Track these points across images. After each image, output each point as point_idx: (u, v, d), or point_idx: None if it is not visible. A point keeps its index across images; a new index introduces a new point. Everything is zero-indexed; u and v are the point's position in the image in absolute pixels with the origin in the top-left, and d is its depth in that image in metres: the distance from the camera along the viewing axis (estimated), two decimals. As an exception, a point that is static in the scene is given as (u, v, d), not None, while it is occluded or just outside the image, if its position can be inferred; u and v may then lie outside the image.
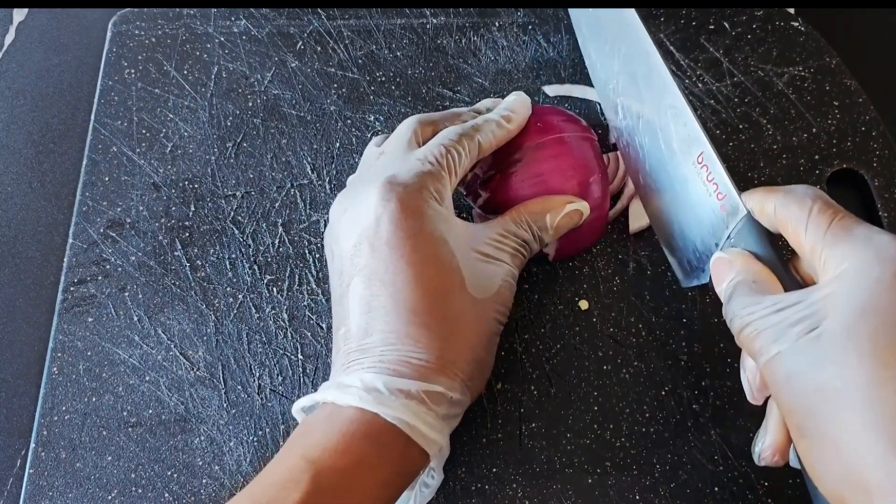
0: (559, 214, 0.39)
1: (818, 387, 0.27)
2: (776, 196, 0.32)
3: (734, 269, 0.33)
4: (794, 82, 0.49)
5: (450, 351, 0.34)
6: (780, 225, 0.32)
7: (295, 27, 0.52)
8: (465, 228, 0.38)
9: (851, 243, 0.29)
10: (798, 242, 0.31)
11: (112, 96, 0.50)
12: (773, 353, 0.29)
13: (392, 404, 0.32)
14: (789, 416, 0.29)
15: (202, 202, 0.47)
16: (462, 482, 0.40)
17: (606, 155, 0.45)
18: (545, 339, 0.43)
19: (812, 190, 0.32)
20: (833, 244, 0.29)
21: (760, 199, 0.33)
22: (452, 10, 0.52)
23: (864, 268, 0.28)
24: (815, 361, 0.27)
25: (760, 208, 0.33)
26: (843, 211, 0.30)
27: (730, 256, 0.33)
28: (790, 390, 0.28)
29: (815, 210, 0.30)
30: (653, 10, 0.51)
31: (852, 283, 0.28)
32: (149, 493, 0.40)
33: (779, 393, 0.29)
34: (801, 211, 0.31)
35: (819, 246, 0.30)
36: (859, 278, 0.28)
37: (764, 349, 0.29)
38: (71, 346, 0.43)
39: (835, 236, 0.29)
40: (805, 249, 0.31)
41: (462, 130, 0.39)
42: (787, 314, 0.29)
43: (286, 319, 0.43)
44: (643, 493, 0.39)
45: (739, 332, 0.31)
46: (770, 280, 0.32)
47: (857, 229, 0.29)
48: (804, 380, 0.28)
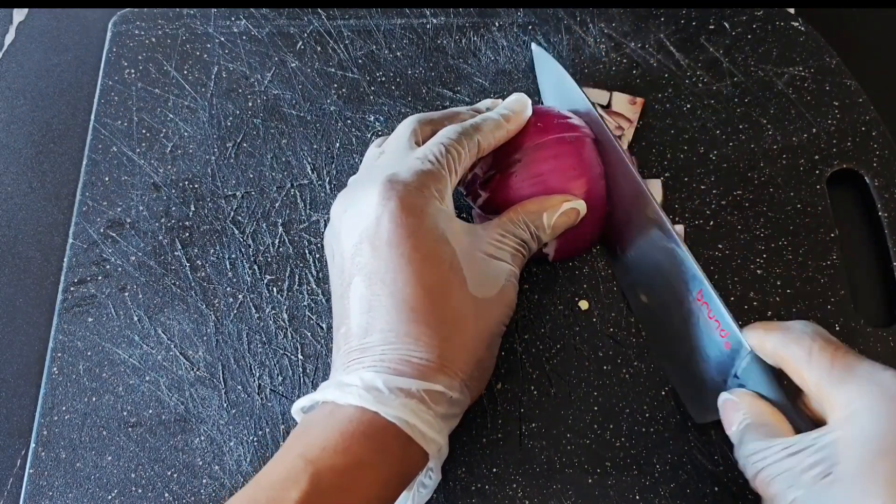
0: (556, 213, 0.40)
1: None
2: (775, 335, 0.33)
3: (741, 411, 0.33)
4: (794, 82, 0.49)
5: (450, 350, 0.34)
6: (782, 363, 0.32)
7: (295, 27, 0.52)
8: (466, 228, 0.38)
9: (857, 383, 0.29)
10: (801, 381, 0.31)
11: (112, 96, 0.50)
12: (789, 499, 0.29)
13: (392, 403, 0.32)
14: None
15: (202, 202, 0.47)
16: (462, 482, 0.40)
17: None
18: (545, 339, 0.43)
19: (809, 326, 0.32)
20: (837, 384, 0.30)
21: (760, 337, 0.33)
22: (452, 10, 0.52)
23: (872, 409, 0.28)
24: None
25: (760, 346, 0.33)
26: (842, 347, 0.31)
27: (736, 398, 0.34)
28: None
29: (816, 349, 0.31)
30: (653, 10, 0.51)
31: (862, 426, 0.28)
32: (149, 492, 0.40)
33: None
34: (801, 351, 0.31)
35: (823, 385, 0.30)
36: (869, 420, 0.28)
37: (780, 495, 0.30)
38: (71, 346, 0.43)
39: (838, 376, 0.30)
40: (810, 389, 0.31)
41: (462, 129, 0.39)
42: (799, 458, 0.29)
43: (286, 319, 0.43)
44: (643, 493, 0.39)
45: (754, 478, 0.32)
46: (778, 421, 0.32)
47: (860, 368, 0.30)
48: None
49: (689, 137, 0.47)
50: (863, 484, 0.27)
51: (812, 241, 0.44)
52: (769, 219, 0.45)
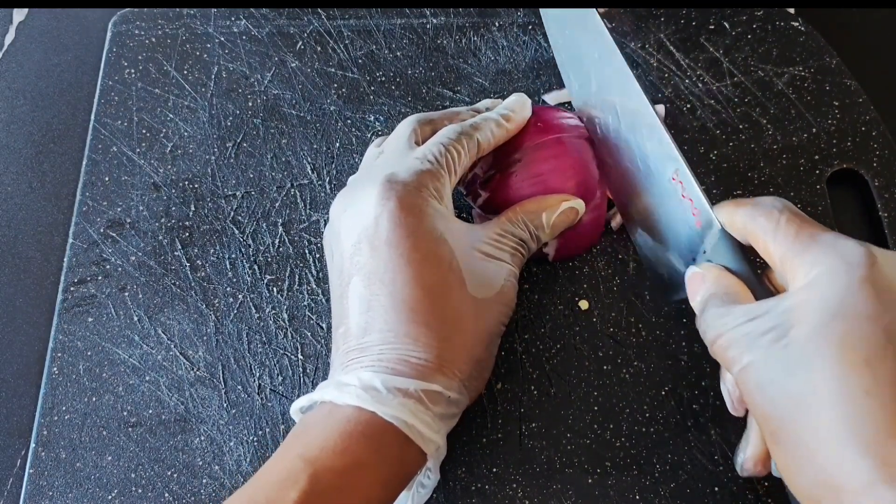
0: (555, 213, 0.40)
1: (789, 393, 0.28)
2: (744, 209, 0.33)
3: (707, 283, 0.33)
4: (794, 82, 0.49)
5: (448, 350, 0.34)
6: (750, 237, 0.32)
7: (295, 27, 0.52)
8: (465, 228, 0.38)
9: (818, 251, 0.29)
10: (768, 253, 0.31)
11: (112, 96, 0.50)
12: (745, 362, 0.29)
13: (390, 403, 0.32)
14: (763, 423, 0.30)
15: (202, 202, 0.47)
16: (462, 482, 0.40)
17: None
18: (545, 339, 0.43)
19: (779, 201, 0.32)
20: (801, 253, 0.30)
21: (730, 212, 0.33)
22: (452, 10, 0.52)
23: (831, 274, 0.28)
24: (785, 368, 0.28)
25: (730, 221, 0.33)
26: (809, 220, 0.31)
27: (703, 270, 0.34)
28: (763, 398, 0.29)
29: (783, 221, 0.31)
30: (653, 10, 0.51)
31: (820, 290, 0.28)
32: (149, 492, 0.40)
33: (752, 401, 0.30)
34: (769, 222, 0.31)
35: (788, 255, 0.30)
36: (827, 285, 0.28)
37: (736, 359, 0.30)
38: (71, 345, 0.43)
39: (802, 245, 0.30)
40: (775, 260, 0.31)
41: (461, 129, 0.39)
42: (757, 323, 0.29)
43: (286, 319, 0.43)
44: (643, 493, 0.39)
45: (713, 343, 0.32)
46: (742, 291, 0.32)
47: (823, 236, 0.30)
48: (775, 387, 0.28)
49: (689, 137, 0.47)
50: (816, 345, 0.27)
51: (812, 241, 0.44)
52: (769, 219, 0.45)
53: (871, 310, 0.27)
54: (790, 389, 0.28)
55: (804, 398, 0.27)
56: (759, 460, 0.33)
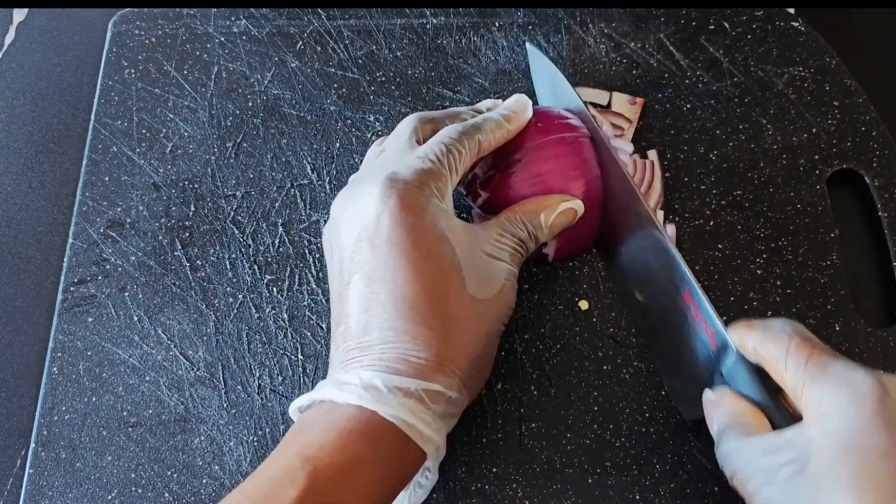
0: (553, 213, 0.40)
1: None
2: (755, 333, 0.33)
3: (721, 411, 0.34)
4: (794, 82, 0.49)
5: (448, 349, 0.34)
6: (762, 361, 0.33)
7: (295, 27, 0.52)
8: (465, 228, 0.38)
9: (828, 383, 0.30)
10: (780, 379, 0.32)
11: (112, 96, 0.50)
12: (764, 497, 0.30)
13: (390, 402, 0.32)
14: None
15: (202, 202, 0.47)
16: (462, 482, 0.40)
17: (633, 160, 0.46)
18: (545, 339, 0.43)
19: (789, 324, 0.32)
20: (811, 383, 0.30)
21: (742, 334, 0.34)
22: (452, 10, 0.52)
23: (841, 408, 0.29)
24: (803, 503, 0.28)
25: (742, 344, 0.34)
26: (819, 345, 0.31)
27: (717, 397, 0.35)
28: None
29: (793, 347, 0.31)
30: (653, 10, 0.51)
31: (832, 425, 0.29)
32: (149, 492, 0.40)
33: None
34: (779, 349, 0.32)
35: (799, 384, 0.31)
36: (838, 419, 0.28)
37: (756, 494, 0.30)
38: (71, 346, 0.43)
39: (812, 375, 0.30)
40: (787, 386, 0.31)
41: (463, 129, 0.39)
42: (773, 458, 0.30)
43: (286, 319, 0.43)
44: (643, 493, 0.39)
45: (732, 477, 0.32)
46: (756, 420, 0.33)
47: (833, 367, 0.30)
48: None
49: (689, 137, 0.47)
50: (831, 481, 0.27)
51: (812, 241, 0.44)
52: (769, 219, 0.45)
53: (884, 445, 0.27)
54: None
55: None
56: None
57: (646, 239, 0.40)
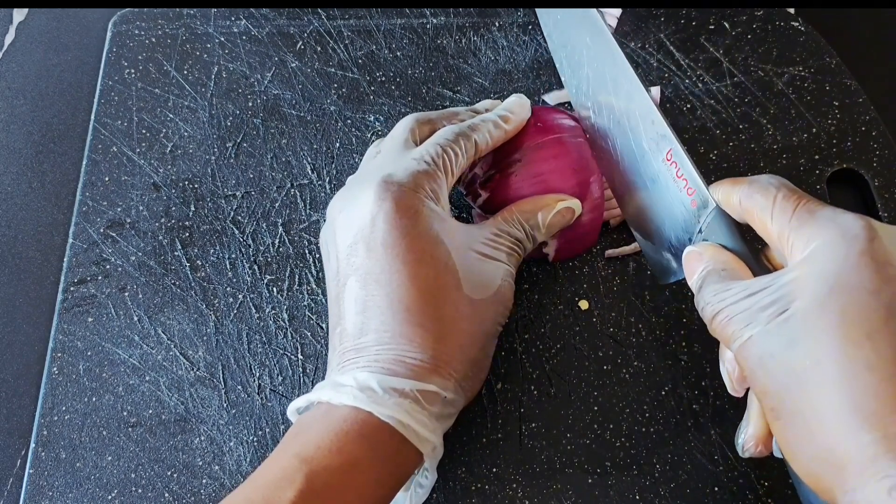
0: (551, 213, 0.40)
1: (790, 368, 0.27)
2: (741, 187, 0.32)
3: (704, 260, 0.33)
4: (794, 82, 0.49)
5: (444, 350, 0.34)
6: (747, 215, 0.32)
7: (295, 27, 0.52)
8: (461, 228, 0.38)
9: (817, 225, 0.29)
10: (765, 230, 0.31)
11: (112, 96, 0.50)
12: (745, 337, 0.29)
13: (386, 403, 0.32)
14: (764, 399, 0.29)
15: (202, 202, 0.47)
16: (462, 482, 0.40)
17: None
18: (545, 339, 0.43)
19: (775, 178, 0.32)
20: (799, 227, 0.29)
21: (726, 190, 0.33)
22: (452, 10, 0.52)
23: (830, 247, 0.28)
24: (786, 343, 0.27)
25: (727, 200, 0.33)
26: (807, 196, 0.31)
27: (699, 249, 0.34)
28: (763, 373, 0.29)
29: (780, 197, 0.31)
30: (653, 10, 0.51)
31: (820, 264, 0.28)
32: (149, 493, 0.40)
33: (753, 377, 0.29)
34: (766, 199, 0.31)
35: (785, 231, 0.30)
36: (826, 258, 0.28)
37: (736, 334, 0.30)
38: (71, 346, 0.43)
39: (800, 220, 0.30)
40: (772, 236, 0.31)
41: (459, 130, 0.39)
42: (757, 298, 0.29)
43: (286, 319, 0.43)
44: (643, 493, 0.39)
45: (711, 320, 0.31)
46: (739, 267, 0.32)
47: (822, 211, 0.29)
48: (776, 362, 0.28)
49: (689, 137, 0.47)
50: (816, 319, 0.27)
51: (812, 241, 0.44)
52: (769, 219, 0.45)
53: (872, 283, 0.26)
54: (791, 364, 0.27)
55: (805, 373, 0.27)
56: (760, 440, 0.33)
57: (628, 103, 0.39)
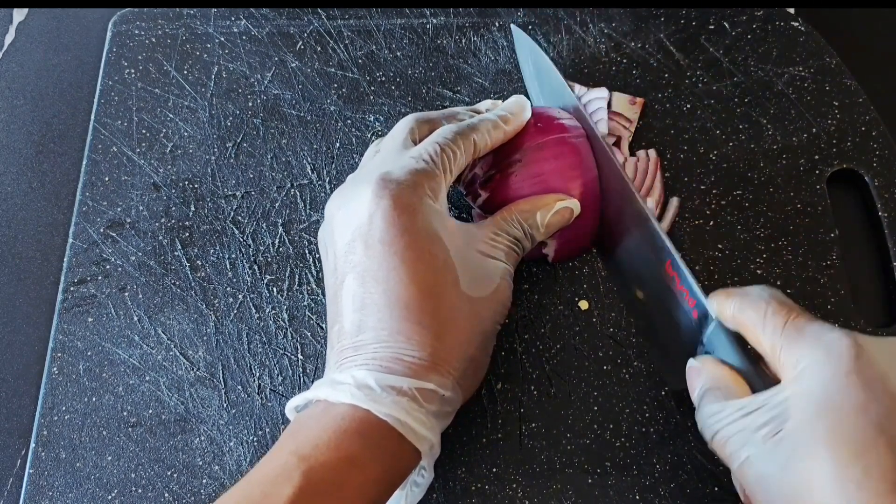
0: (550, 212, 0.40)
1: (786, 488, 0.28)
2: (733, 300, 0.33)
3: (702, 377, 0.34)
4: (794, 82, 0.49)
5: (442, 348, 0.34)
6: (740, 328, 0.33)
7: (295, 27, 0.52)
8: (460, 227, 0.38)
9: (805, 343, 0.30)
10: (758, 344, 0.32)
11: (112, 96, 0.50)
12: (742, 458, 0.30)
13: (384, 401, 0.32)
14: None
15: (202, 202, 0.47)
16: (462, 482, 0.40)
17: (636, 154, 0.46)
18: (545, 339, 0.43)
19: (766, 290, 0.33)
20: (788, 345, 0.30)
21: (720, 303, 0.34)
22: (452, 10, 0.52)
23: (818, 367, 0.29)
24: (781, 463, 0.28)
25: (721, 312, 0.34)
26: (797, 309, 0.31)
27: (699, 364, 0.35)
28: (762, 492, 0.29)
29: (770, 312, 0.31)
30: (653, 10, 0.51)
31: (808, 384, 0.29)
32: (149, 492, 0.40)
33: (753, 496, 0.30)
34: (757, 314, 0.32)
35: (777, 347, 0.31)
36: (814, 378, 0.29)
37: (734, 455, 0.31)
38: (71, 346, 0.43)
39: (788, 337, 0.30)
40: (765, 351, 0.32)
41: (458, 129, 0.39)
42: (752, 419, 0.30)
43: (286, 319, 0.43)
44: (643, 493, 0.39)
45: (710, 440, 0.32)
46: (736, 385, 0.33)
47: (809, 328, 0.30)
48: (773, 481, 0.29)
49: (689, 137, 0.47)
50: (807, 439, 0.28)
51: (812, 241, 0.44)
52: (769, 219, 0.45)
53: (859, 401, 0.27)
54: (787, 484, 0.28)
55: (800, 493, 0.28)
56: None
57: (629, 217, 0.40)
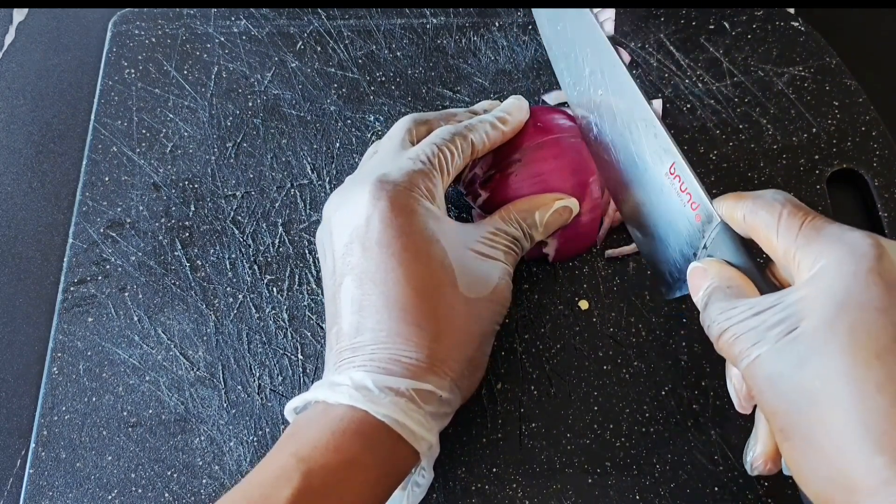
0: (548, 212, 0.40)
1: (799, 388, 0.27)
2: (745, 203, 0.32)
3: (709, 277, 0.33)
4: (794, 82, 0.49)
5: (440, 349, 0.34)
6: (752, 231, 0.32)
7: (295, 27, 0.52)
8: (457, 228, 0.38)
9: (824, 242, 0.29)
10: (770, 247, 0.31)
11: (112, 96, 0.50)
12: (753, 356, 0.29)
13: (382, 402, 0.32)
14: (773, 419, 0.29)
15: (202, 202, 0.47)
16: (462, 482, 0.40)
17: None
18: (545, 339, 0.43)
19: (780, 194, 0.32)
20: (805, 245, 0.29)
21: (730, 206, 0.33)
22: (452, 10, 0.52)
23: (838, 265, 0.28)
24: (795, 362, 0.27)
25: (731, 215, 0.33)
26: (812, 212, 0.30)
27: (704, 265, 0.34)
28: (772, 393, 0.28)
29: (785, 214, 0.30)
30: (653, 10, 0.51)
31: (828, 282, 0.27)
32: (149, 492, 0.40)
33: (761, 396, 0.29)
34: (771, 216, 0.31)
35: (792, 248, 0.30)
36: (834, 276, 0.27)
37: (744, 353, 0.29)
38: (71, 346, 0.43)
39: (807, 237, 0.29)
40: (778, 253, 0.31)
41: (455, 130, 0.39)
42: (764, 317, 0.29)
43: (286, 319, 0.43)
44: (643, 494, 0.39)
45: (718, 338, 0.31)
46: (745, 284, 0.32)
47: (829, 228, 0.29)
48: (785, 381, 0.28)
49: (689, 137, 0.47)
50: (825, 338, 0.26)
51: (812, 241, 0.44)
52: (769, 219, 0.45)
53: (881, 302, 0.26)
54: (800, 384, 0.27)
55: (815, 393, 0.26)
56: (769, 458, 0.32)
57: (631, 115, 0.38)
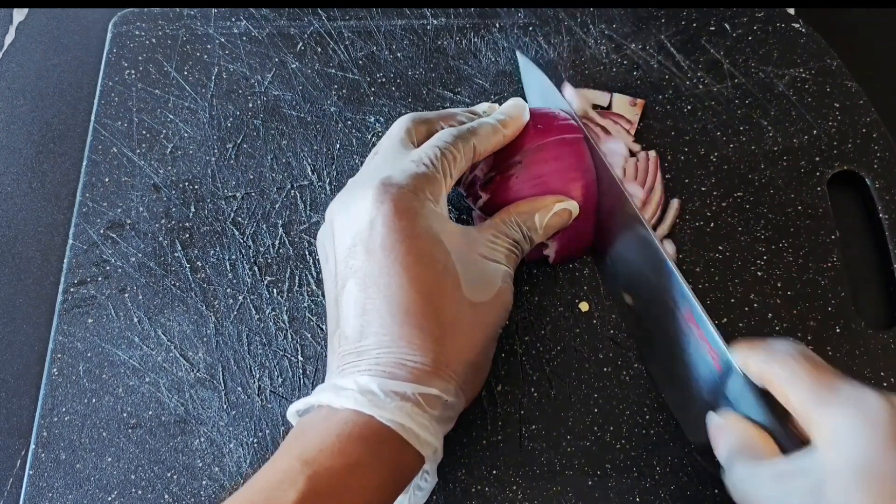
0: (548, 214, 0.40)
1: None
2: (758, 355, 0.32)
3: (730, 436, 0.33)
4: (795, 84, 0.49)
5: (444, 353, 0.34)
6: (766, 383, 0.32)
7: (295, 28, 0.51)
8: (460, 231, 0.38)
9: (839, 406, 0.29)
10: (786, 402, 0.31)
11: (112, 97, 0.50)
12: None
13: (387, 406, 0.32)
14: None
15: (202, 203, 0.47)
16: (462, 484, 0.40)
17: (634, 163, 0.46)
18: (545, 340, 0.43)
19: (793, 346, 0.32)
20: (819, 406, 0.30)
21: (744, 356, 0.33)
22: (453, 11, 0.52)
23: (856, 434, 0.28)
24: None
25: (745, 365, 0.33)
26: (824, 365, 0.31)
27: (724, 421, 0.34)
28: None
29: (798, 369, 0.31)
30: (653, 12, 0.51)
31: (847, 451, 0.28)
32: (148, 494, 0.40)
33: None
34: (783, 371, 0.31)
35: (807, 407, 0.30)
36: (853, 446, 0.28)
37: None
38: (71, 347, 0.43)
39: (821, 399, 0.30)
40: (794, 409, 0.31)
41: (458, 133, 0.39)
42: (787, 485, 0.29)
43: (286, 321, 0.43)
44: (643, 496, 0.39)
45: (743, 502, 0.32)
46: (765, 444, 0.32)
47: (843, 389, 0.30)
48: None
49: (690, 139, 0.47)
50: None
51: (813, 243, 0.44)
52: (770, 220, 0.45)
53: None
54: None
55: None
56: None
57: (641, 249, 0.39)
